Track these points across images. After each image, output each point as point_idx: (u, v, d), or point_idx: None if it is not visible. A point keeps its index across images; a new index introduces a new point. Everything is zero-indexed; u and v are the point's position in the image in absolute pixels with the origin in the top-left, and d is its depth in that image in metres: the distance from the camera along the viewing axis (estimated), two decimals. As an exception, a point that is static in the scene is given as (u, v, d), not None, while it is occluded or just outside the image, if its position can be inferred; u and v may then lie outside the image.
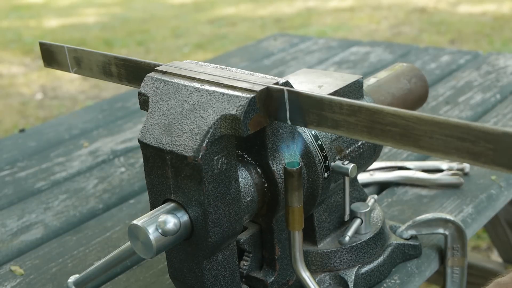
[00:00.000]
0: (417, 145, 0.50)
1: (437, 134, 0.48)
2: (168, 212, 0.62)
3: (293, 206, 0.67)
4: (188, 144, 0.61)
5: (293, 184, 0.66)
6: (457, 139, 0.47)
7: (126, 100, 1.65)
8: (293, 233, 0.69)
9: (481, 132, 0.46)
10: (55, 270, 0.96)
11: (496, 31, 4.37)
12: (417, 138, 0.50)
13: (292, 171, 0.65)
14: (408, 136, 0.50)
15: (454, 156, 0.48)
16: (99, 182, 1.22)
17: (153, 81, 0.68)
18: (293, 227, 0.68)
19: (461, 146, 0.47)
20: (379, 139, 0.52)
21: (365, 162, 0.86)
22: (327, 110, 0.55)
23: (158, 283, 0.90)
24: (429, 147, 0.49)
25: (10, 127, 3.46)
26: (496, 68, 1.60)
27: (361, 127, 0.53)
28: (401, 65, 0.96)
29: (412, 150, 0.50)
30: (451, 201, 1.03)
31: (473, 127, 0.46)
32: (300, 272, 0.70)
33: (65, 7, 6.34)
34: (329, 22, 5.05)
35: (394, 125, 0.51)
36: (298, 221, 0.68)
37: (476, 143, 0.46)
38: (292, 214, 0.68)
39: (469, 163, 0.48)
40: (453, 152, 0.48)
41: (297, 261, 0.70)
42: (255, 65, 1.80)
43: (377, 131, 0.52)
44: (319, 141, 0.77)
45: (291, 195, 0.66)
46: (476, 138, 0.46)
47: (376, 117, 0.52)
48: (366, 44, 1.93)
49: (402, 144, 0.51)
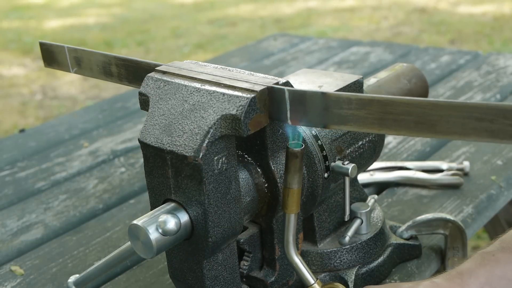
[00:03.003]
0: (433, 130, 0.51)
1: (454, 117, 0.50)
2: (168, 212, 0.62)
3: (292, 187, 0.66)
4: (189, 144, 0.61)
5: (296, 165, 0.65)
6: (475, 119, 0.49)
7: (126, 100, 1.65)
8: (288, 215, 0.68)
9: (500, 110, 0.48)
10: (55, 270, 0.96)
11: (496, 31, 4.37)
12: (433, 123, 0.51)
13: (296, 151, 0.64)
14: (423, 123, 0.52)
15: (472, 136, 0.50)
16: (99, 182, 1.22)
17: (153, 81, 0.68)
18: (290, 209, 0.67)
19: (479, 126, 0.49)
20: (391, 129, 0.54)
21: (365, 162, 0.86)
22: (334, 107, 0.56)
23: (158, 283, 0.90)
24: (445, 131, 0.51)
25: (10, 127, 3.46)
26: (496, 68, 1.60)
27: (372, 120, 0.54)
28: (401, 65, 0.96)
29: (427, 136, 0.52)
30: (451, 201, 1.03)
31: (492, 106, 0.48)
32: (291, 256, 0.70)
33: (65, 7, 6.34)
34: (329, 22, 5.06)
35: (408, 114, 0.52)
36: (296, 203, 0.67)
37: (495, 121, 0.48)
38: (291, 196, 0.67)
39: (487, 141, 0.50)
40: (471, 132, 0.50)
41: (290, 244, 0.69)
42: (255, 65, 1.80)
43: (389, 122, 0.53)
44: (319, 141, 0.77)
45: (293, 176, 0.66)
46: (495, 116, 0.48)
47: (388, 108, 0.53)
48: (366, 44, 1.93)
49: (416, 131, 0.52)
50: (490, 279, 0.72)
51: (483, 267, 0.74)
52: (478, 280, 0.72)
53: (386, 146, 1.23)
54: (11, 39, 5.18)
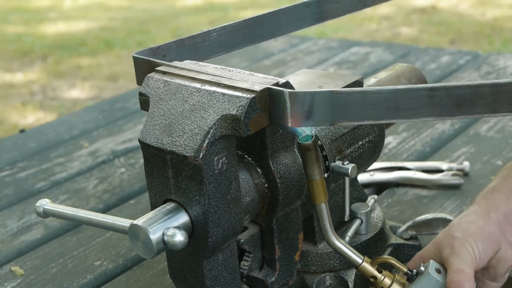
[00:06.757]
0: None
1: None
2: (175, 223, 0.62)
3: (315, 179, 0.67)
4: (189, 144, 0.61)
5: (312, 157, 0.66)
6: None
7: (126, 100, 1.65)
8: (319, 206, 0.69)
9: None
10: (55, 270, 0.96)
11: (496, 32, 4.37)
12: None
13: (308, 144, 0.65)
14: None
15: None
16: (99, 183, 1.22)
17: (153, 81, 0.68)
18: (319, 199, 0.68)
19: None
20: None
21: (365, 162, 0.86)
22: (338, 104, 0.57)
23: (158, 284, 0.91)
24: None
25: (10, 127, 3.46)
26: (496, 69, 1.60)
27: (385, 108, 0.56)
28: (401, 65, 0.96)
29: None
30: (451, 202, 1.03)
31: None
32: (334, 242, 0.71)
33: (65, 8, 6.34)
34: (329, 23, 5.05)
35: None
36: (322, 192, 0.68)
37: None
38: (316, 187, 0.68)
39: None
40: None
41: (328, 232, 0.71)
42: (255, 66, 1.80)
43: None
44: (319, 141, 0.77)
45: (312, 168, 0.66)
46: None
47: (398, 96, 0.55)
48: (366, 44, 1.93)
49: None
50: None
51: (504, 181, 0.78)
52: (502, 193, 0.76)
53: (386, 146, 1.23)
54: (11, 39, 5.18)
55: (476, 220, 0.74)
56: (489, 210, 0.75)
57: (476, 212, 0.75)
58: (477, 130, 1.27)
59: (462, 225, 0.74)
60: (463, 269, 0.69)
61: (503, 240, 0.74)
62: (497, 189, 0.77)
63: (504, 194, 0.76)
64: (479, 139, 1.24)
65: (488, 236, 0.72)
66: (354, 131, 0.82)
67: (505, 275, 0.76)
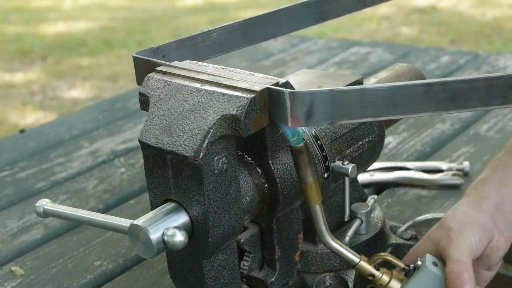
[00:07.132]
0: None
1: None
2: (175, 223, 0.62)
3: (308, 181, 0.67)
4: (189, 144, 0.61)
5: (304, 159, 0.66)
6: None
7: (126, 100, 1.65)
8: (313, 207, 0.69)
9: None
10: (55, 270, 0.96)
11: (496, 32, 4.37)
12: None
13: (300, 147, 0.65)
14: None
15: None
16: (99, 183, 1.22)
17: (153, 81, 0.68)
18: (313, 201, 0.68)
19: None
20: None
21: (365, 162, 0.86)
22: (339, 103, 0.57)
23: (158, 284, 0.91)
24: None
25: (10, 127, 3.46)
26: (496, 69, 1.60)
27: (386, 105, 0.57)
28: (401, 65, 0.96)
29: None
30: (451, 202, 1.03)
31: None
32: (329, 243, 0.71)
33: (65, 8, 6.34)
34: (329, 23, 5.05)
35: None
36: (316, 194, 0.68)
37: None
38: (310, 189, 0.68)
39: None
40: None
41: (324, 234, 0.71)
42: (255, 66, 1.80)
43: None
44: (319, 141, 0.77)
45: (304, 171, 0.66)
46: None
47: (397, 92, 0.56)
48: (366, 44, 1.93)
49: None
50: (504, 180, 0.78)
51: (494, 172, 0.79)
52: (493, 184, 0.78)
53: (386, 146, 1.23)
54: (11, 39, 5.18)
55: (469, 211, 0.75)
56: (481, 200, 0.76)
57: (469, 203, 0.76)
58: (477, 130, 1.27)
59: (457, 216, 0.74)
60: (462, 259, 0.70)
61: (495, 230, 0.75)
62: (487, 180, 0.78)
63: (495, 184, 0.77)
64: (479, 139, 1.24)
65: (482, 226, 0.73)
66: (354, 131, 0.82)
67: (498, 264, 0.77)
